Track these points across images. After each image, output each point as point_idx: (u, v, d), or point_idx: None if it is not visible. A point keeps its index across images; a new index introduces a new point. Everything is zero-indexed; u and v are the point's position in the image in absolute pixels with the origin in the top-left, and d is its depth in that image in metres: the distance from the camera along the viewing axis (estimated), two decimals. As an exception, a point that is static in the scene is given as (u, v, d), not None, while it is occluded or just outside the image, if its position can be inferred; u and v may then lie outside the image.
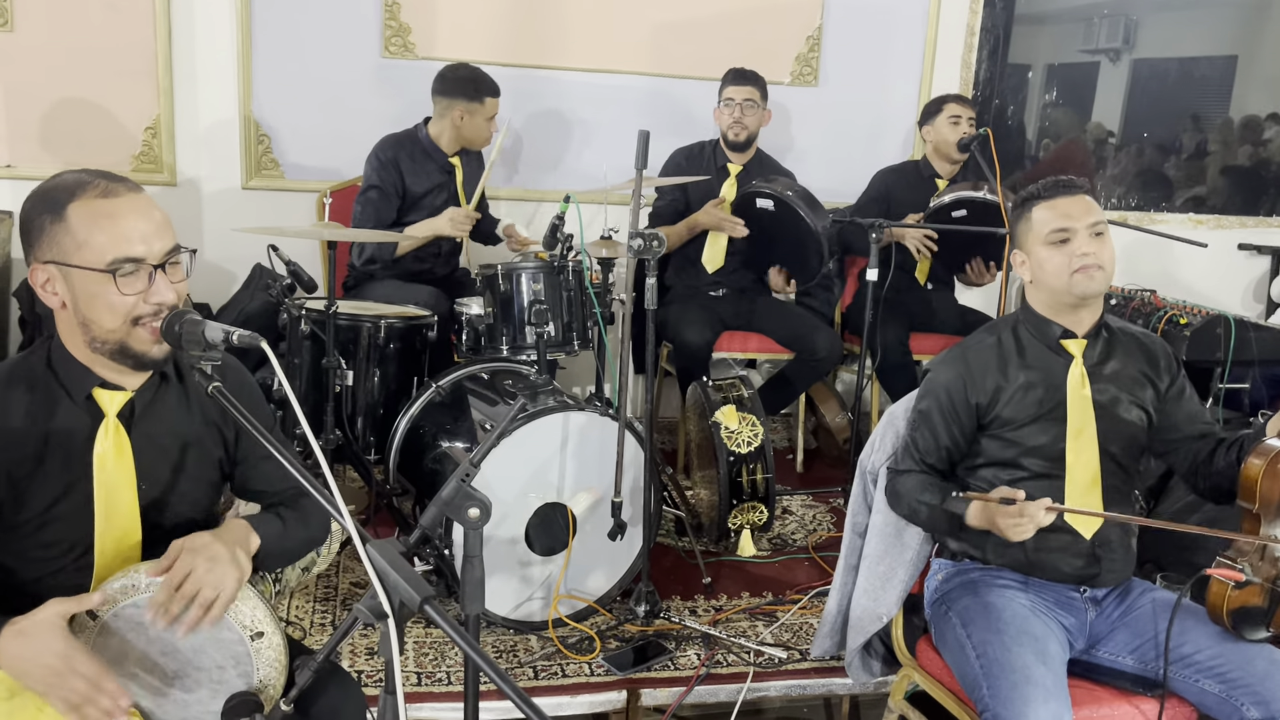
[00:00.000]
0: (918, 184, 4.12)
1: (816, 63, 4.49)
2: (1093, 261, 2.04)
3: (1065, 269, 2.06)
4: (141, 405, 1.62)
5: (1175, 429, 2.18)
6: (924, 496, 2.11)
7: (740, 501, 3.08)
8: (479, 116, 3.57)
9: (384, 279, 3.56)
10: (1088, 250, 2.04)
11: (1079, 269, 2.05)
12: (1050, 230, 2.08)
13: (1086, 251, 2.04)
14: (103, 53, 3.84)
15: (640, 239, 2.48)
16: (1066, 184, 2.10)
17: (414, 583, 1.20)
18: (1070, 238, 2.06)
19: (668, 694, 2.51)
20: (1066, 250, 2.06)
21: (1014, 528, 1.91)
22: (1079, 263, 2.04)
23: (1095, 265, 2.05)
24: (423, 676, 2.48)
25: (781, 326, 3.90)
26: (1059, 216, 2.08)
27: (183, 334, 1.48)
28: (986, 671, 1.94)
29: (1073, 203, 2.08)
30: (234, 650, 1.57)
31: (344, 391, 2.99)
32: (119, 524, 1.60)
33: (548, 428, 2.62)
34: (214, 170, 4.04)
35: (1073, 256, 2.05)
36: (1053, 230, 2.08)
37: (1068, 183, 2.11)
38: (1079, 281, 2.05)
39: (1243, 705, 1.91)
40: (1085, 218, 2.06)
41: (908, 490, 2.14)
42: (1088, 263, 2.04)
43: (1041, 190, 2.12)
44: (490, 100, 3.60)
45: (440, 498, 1.48)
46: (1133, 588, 2.16)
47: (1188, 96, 5.06)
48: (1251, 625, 1.98)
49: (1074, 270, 2.05)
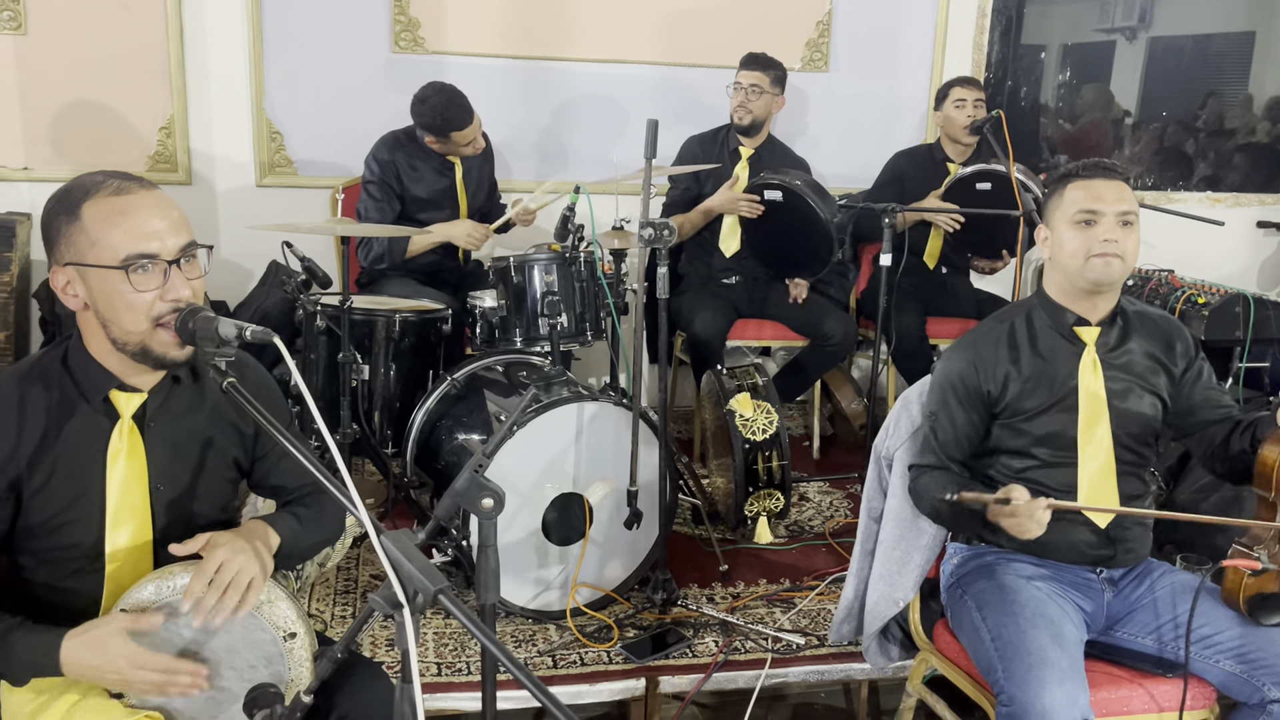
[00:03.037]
0: (930, 168, 4.11)
1: (827, 48, 4.48)
2: (1114, 250, 2.01)
3: (1083, 252, 2.03)
4: (155, 406, 1.63)
5: (1192, 413, 2.16)
6: (939, 494, 2.05)
7: (756, 489, 3.08)
8: (450, 144, 3.53)
9: (396, 277, 3.58)
10: (1111, 237, 2.01)
11: (1098, 254, 2.01)
12: (1079, 210, 2.04)
13: (1110, 238, 2.01)
14: (116, 54, 3.87)
15: (651, 228, 2.49)
16: (1108, 167, 2.07)
17: (428, 573, 1.21)
18: (1097, 221, 2.03)
19: (686, 681, 2.52)
20: (1090, 233, 2.03)
21: (1016, 526, 1.90)
22: (1100, 249, 2.01)
23: (1115, 254, 2.01)
24: (443, 667, 2.50)
25: (795, 313, 3.89)
26: (1090, 198, 2.04)
27: (196, 331, 1.49)
28: (1001, 654, 1.94)
29: (1108, 187, 2.04)
30: (267, 651, 1.59)
31: (360, 386, 3.01)
32: (130, 526, 1.61)
33: (562, 418, 2.63)
34: (228, 168, 4.07)
35: (1094, 241, 2.02)
36: (1081, 210, 2.04)
37: (1109, 165, 2.07)
38: (1095, 266, 2.02)
39: (1264, 685, 1.91)
40: (1117, 204, 2.02)
41: (926, 489, 2.12)
42: (1108, 250, 2.01)
43: (1080, 169, 2.08)
44: (458, 134, 3.49)
45: (454, 489, 1.49)
46: (1151, 569, 2.15)
47: (1205, 74, 5.01)
48: (1268, 611, 1.97)
49: (1093, 254, 2.02)
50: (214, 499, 1.74)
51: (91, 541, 1.60)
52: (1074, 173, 2.09)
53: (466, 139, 3.54)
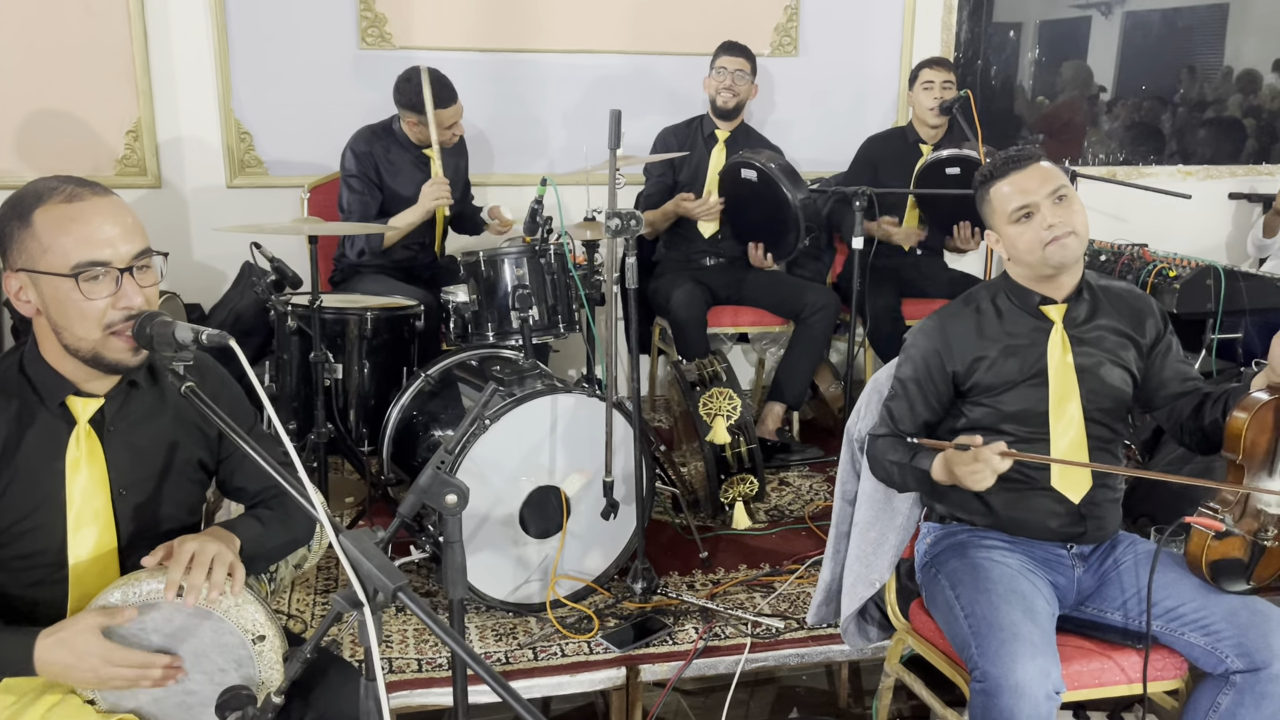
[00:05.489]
0: (903, 150, 4.12)
1: (796, 32, 4.48)
2: (1062, 230, 2.02)
3: (1038, 243, 2.04)
4: (113, 411, 1.63)
5: (1162, 386, 2.18)
6: (893, 455, 2.11)
7: (728, 475, 3.09)
8: (424, 126, 3.51)
9: (370, 274, 3.58)
10: (1054, 220, 2.02)
11: (1051, 241, 2.03)
12: (1013, 209, 2.07)
13: (1053, 222, 2.02)
14: (80, 58, 3.84)
15: (617, 218, 2.49)
16: (1017, 158, 2.08)
17: (387, 571, 1.22)
18: (1034, 211, 2.04)
19: (667, 668, 2.53)
20: (1033, 225, 2.04)
21: (971, 474, 1.89)
22: (1049, 235, 2.02)
23: (1066, 232, 2.02)
24: (423, 663, 2.51)
25: (771, 294, 3.92)
26: (1018, 193, 2.06)
27: (154, 336, 1.49)
28: (975, 630, 1.96)
29: (1027, 175, 2.06)
30: (237, 654, 1.59)
31: (334, 385, 3.01)
32: (92, 531, 1.61)
33: (536, 411, 2.63)
34: (198, 171, 4.05)
35: (1041, 230, 2.03)
36: (1015, 209, 2.06)
37: (1018, 156, 2.09)
38: (1054, 253, 2.03)
39: (1226, 657, 1.93)
40: (1044, 187, 2.04)
41: (880, 452, 2.15)
42: (1058, 233, 2.02)
43: (994, 169, 2.10)
44: (439, 112, 3.47)
45: (418, 485, 1.49)
46: (1119, 541, 2.17)
47: (1181, 48, 5.03)
48: (1231, 578, 1.99)
49: (1046, 244, 2.03)
50: (180, 502, 1.73)
51: (55, 549, 1.59)
52: (990, 174, 2.11)
53: (449, 119, 3.54)
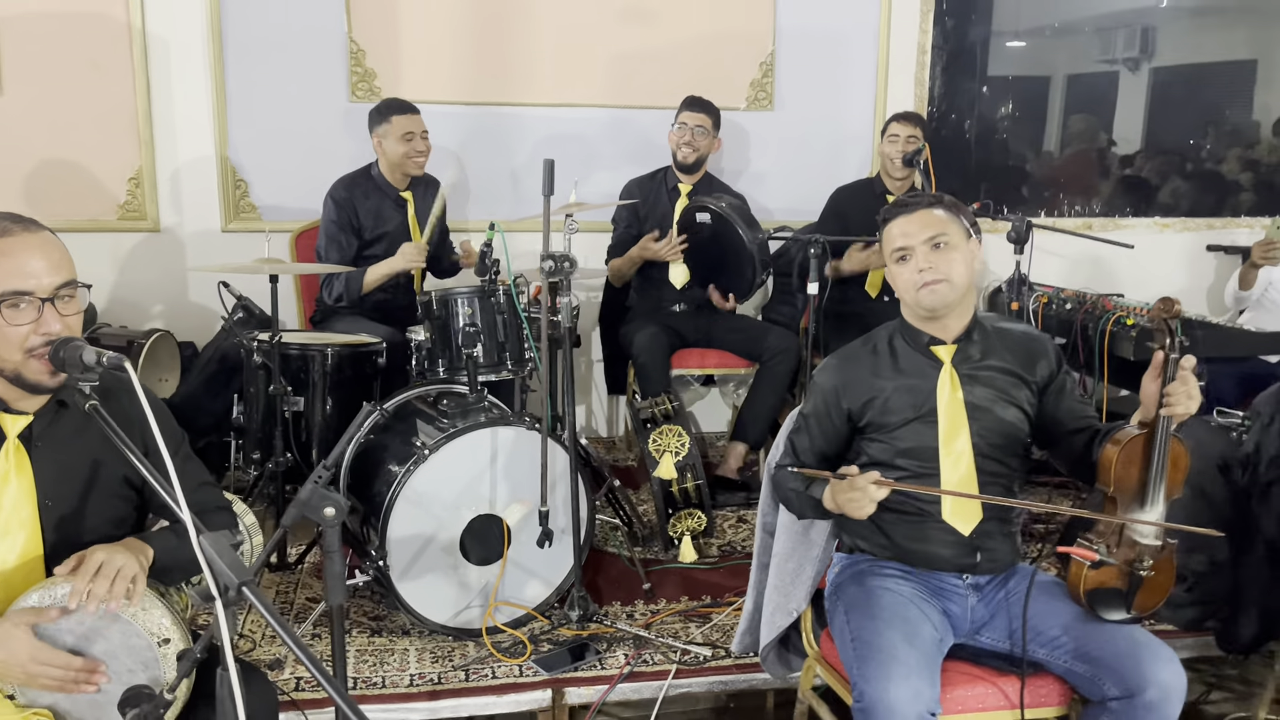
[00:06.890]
0: (870, 201, 4.23)
1: (771, 87, 4.64)
2: (932, 276, 2.14)
3: (911, 285, 2.17)
4: (41, 428, 1.79)
5: (1057, 424, 2.27)
6: (791, 484, 2.25)
7: (675, 510, 3.20)
8: (390, 137, 3.75)
9: (346, 314, 3.75)
10: (924, 265, 2.14)
11: (922, 285, 2.15)
12: (892, 250, 2.20)
13: (923, 267, 2.14)
14: (87, 110, 4.09)
15: (551, 260, 2.64)
16: (903, 203, 2.22)
17: (236, 569, 1.35)
18: (909, 255, 2.17)
19: (592, 691, 2.62)
20: (909, 268, 2.17)
21: (850, 502, 2.02)
22: (920, 279, 2.15)
23: (937, 279, 2.14)
24: (359, 681, 2.62)
25: (736, 338, 4.06)
26: (899, 235, 2.19)
27: (65, 359, 1.66)
28: (859, 653, 2.05)
29: (909, 220, 2.18)
30: (144, 656, 1.73)
31: (294, 417, 3.17)
32: (19, 538, 1.76)
33: (476, 442, 2.77)
34: (195, 215, 4.27)
35: (913, 273, 2.16)
36: (894, 250, 2.20)
37: (904, 201, 2.22)
38: (924, 296, 2.16)
39: (1104, 684, 2.01)
40: (923, 233, 2.16)
41: (782, 480, 2.28)
42: (927, 278, 2.14)
43: (889, 211, 2.24)
44: (397, 118, 3.74)
45: (298, 499, 1.62)
46: (1014, 574, 2.25)
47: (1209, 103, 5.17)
48: (1109, 606, 2.06)
49: (918, 287, 2.16)
50: (106, 515, 1.88)
51: None
52: (885, 217, 2.24)
53: (403, 127, 3.75)
